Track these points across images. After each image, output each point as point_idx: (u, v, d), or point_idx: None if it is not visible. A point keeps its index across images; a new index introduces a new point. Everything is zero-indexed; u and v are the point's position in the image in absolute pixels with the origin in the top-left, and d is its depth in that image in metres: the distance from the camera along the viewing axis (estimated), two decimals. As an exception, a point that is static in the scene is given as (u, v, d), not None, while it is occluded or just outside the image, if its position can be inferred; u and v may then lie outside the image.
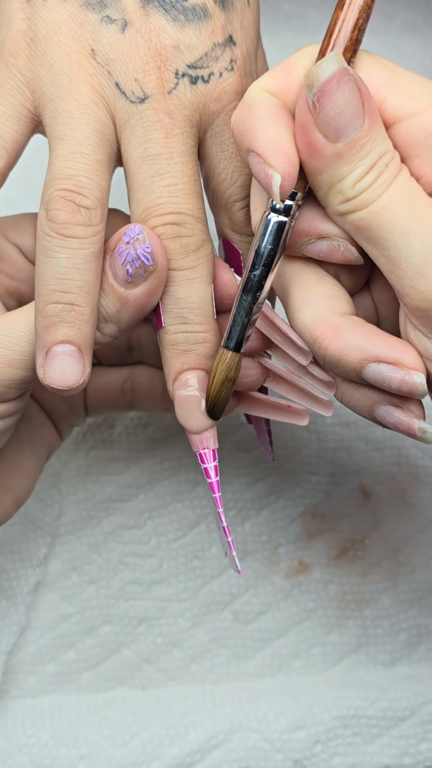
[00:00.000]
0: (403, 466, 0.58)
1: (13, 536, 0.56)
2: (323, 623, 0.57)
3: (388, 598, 0.57)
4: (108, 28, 0.40)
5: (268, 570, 0.57)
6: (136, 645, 0.56)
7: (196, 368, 0.41)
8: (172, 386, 0.41)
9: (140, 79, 0.40)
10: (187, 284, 0.40)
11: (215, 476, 0.42)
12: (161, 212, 0.40)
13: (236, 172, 0.42)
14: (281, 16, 0.69)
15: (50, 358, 0.39)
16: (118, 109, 0.40)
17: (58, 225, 0.39)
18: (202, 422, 0.41)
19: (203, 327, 0.41)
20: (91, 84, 0.40)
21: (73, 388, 0.40)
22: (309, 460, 0.58)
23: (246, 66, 0.41)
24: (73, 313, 0.39)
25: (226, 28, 0.41)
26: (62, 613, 0.56)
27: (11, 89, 0.41)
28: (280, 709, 0.55)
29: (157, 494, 0.57)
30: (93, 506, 0.57)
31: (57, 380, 0.39)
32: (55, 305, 0.39)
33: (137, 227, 0.39)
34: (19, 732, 0.54)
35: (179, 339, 0.41)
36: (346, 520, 0.57)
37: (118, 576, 0.56)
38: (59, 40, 0.40)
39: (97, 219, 0.39)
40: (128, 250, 0.39)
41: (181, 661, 0.56)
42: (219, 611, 0.57)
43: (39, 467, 0.48)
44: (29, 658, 0.56)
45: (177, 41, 0.40)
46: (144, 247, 0.39)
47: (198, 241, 0.40)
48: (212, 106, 0.41)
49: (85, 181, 0.39)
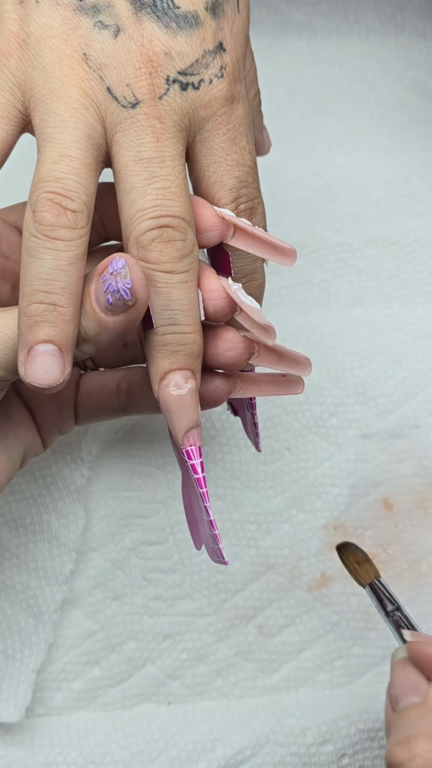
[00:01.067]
0: (424, 477, 0.58)
1: (37, 553, 0.56)
2: (347, 636, 0.57)
3: (410, 609, 0.57)
4: (101, 34, 0.41)
5: (290, 583, 0.57)
6: (161, 661, 0.56)
7: (184, 368, 0.42)
8: (158, 385, 0.42)
9: (132, 85, 0.40)
10: (180, 287, 0.41)
11: (201, 472, 0.42)
12: (156, 214, 0.40)
13: (225, 176, 0.42)
14: (291, 25, 0.69)
15: (32, 356, 0.40)
16: (109, 113, 0.41)
17: (44, 227, 0.39)
18: (194, 420, 0.42)
19: (192, 328, 0.41)
20: (82, 88, 0.40)
21: (53, 386, 0.40)
22: (330, 473, 0.58)
23: (235, 72, 0.42)
24: (55, 314, 0.39)
25: (217, 36, 0.42)
26: (87, 630, 0.56)
27: (2, 89, 0.41)
28: (306, 723, 0.55)
29: (179, 509, 0.57)
30: (115, 522, 0.57)
31: (38, 378, 0.40)
32: (38, 305, 0.39)
33: (120, 261, 0.40)
34: (46, 750, 0.54)
35: (169, 340, 0.41)
36: (367, 532, 0.57)
37: (141, 592, 0.57)
38: (51, 43, 0.41)
39: (82, 222, 0.40)
40: (110, 281, 0.40)
41: (206, 676, 0.56)
42: (243, 625, 0.57)
43: (11, 469, 0.48)
44: (55, 676, 0.56)
45: (168, 48, 0.41)
46: (125, 282, 0.39)
47: (190, 245, 0.41)
48: (202, 112, 0.41)
49: (73, 184, 0.40)
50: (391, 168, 0.66)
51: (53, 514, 0.56)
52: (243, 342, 0.43)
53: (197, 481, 0.43)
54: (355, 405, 0.59)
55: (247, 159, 0.43)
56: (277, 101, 0.68)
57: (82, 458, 0.57)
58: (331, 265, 0.62)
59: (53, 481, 0.57)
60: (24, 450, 0.48)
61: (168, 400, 0.42)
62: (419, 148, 0.68)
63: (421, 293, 0.61)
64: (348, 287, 0.61)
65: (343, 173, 0.66)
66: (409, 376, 0.59)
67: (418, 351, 0.59)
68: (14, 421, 0.48)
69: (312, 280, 0.61)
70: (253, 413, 0.49)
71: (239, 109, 0.42)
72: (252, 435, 0.51)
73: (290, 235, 0.62)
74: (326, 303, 0.61)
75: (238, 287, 0.43)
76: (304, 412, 0.58)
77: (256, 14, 0.68)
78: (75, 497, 0.57)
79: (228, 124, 0.42)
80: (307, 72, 0.69)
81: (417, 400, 0.59)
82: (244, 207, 0.43)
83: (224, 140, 0.42)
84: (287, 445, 0.58)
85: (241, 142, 0.42)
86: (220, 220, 0.42)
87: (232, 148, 0.42)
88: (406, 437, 0.58)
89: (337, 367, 0.59)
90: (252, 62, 0.46)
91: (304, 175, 0.66)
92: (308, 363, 0.44)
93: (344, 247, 0.62)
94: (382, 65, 0.70)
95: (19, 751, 0.54)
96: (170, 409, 0.42)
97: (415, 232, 0.62)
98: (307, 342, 0.59)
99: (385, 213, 0.63)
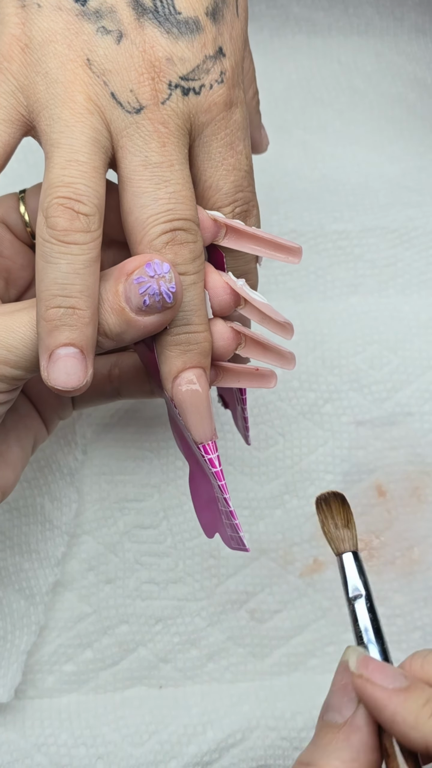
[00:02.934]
0: (418, 465, 0.58)
1: (30, 536, 0.56)
2: (338, 621, 0.57)
3: (402, 596, 0.57)
4: (104, 39, 0.41)
5: (283, 569, 0.57)
6: (153, 644, 0.56)
7: (197, 366, 0.42)
8: (171, 384, 0.42)
9: (135, 90, 0.41)
10: (192, 288, 0.41)
11: (219, 465, 0.43)
12: (170, 218, 0.41)
13: (222, 180, 0.43)
14: (291, 19, 0.70)
15: (54, 360, 0.40)
16: (114, 119, 0.41)
17: (58, 232, 0.40)
18: (208, 414, 0.43)
19: (202, 327, 0.42)
20: (87, 93, 0.41)
21: (77, 388, 0.41)
22: (323, 459, 0.58)
23: (234, 77, 0.43)
24: (74, 317, 0.40)
25: (217, 41, 0.42)
26: (79, 613, 0.56)
27: (5, 93, 0.41)
28: (297, 707, 0.55)
29: (172, 494, 0.57)
30: (109, 506, 0.57)
31: (61, 382, 0.40)
32: (57, 309, 0.40)
33: (165, 266, 0.40)
34: (37, 731, 0.54)
35: (182, 340, 0.42)
36: (360, 519, 0.57)
37: (134, 575, 0.57)
38: (54, 48, 0.41)
39: (95, 225, 0.40)
40: (151, 283, 0.40)
41: (198, 660, 0.56)
42: (235, 610, 0.57)
43: (24, 458, 0.49)
44: (47, 658, 0.56)
45: (170, 53, 0.41)
46: (170, 286, 0.40)
47: (200, 246, 0.42)
48: (202, 117, 0.42)
49: (83, 188, 0.40)
50: (390, 161, 0.67)
51: (47, 496, 0.56)
52: (230, 332, 0.43)
53: (215, 474, 0.43)
54: (350, 392, 0.59)
55: (244, 163, 0.43)
56: (276, 94, 0.68)
57: (76, 442, 0.57)
58: (328, 253, 0.62)
59: (47, 464, 0.57)
60: (34, 438, 0.49)
61: (183, 398, 0.42)
62: (417, 141, 0.68)
63: (417, 282, 0.61)
64: (345, 275, 0.61)
65: (342, 166, 0.66)
66: (404, 364, 0.59)
67: (414, 339, 0.60)
68: (21, 413, 0.49)
69: (309, 267, 0.62)
70: (243, 408, 0.50)
71: (237, 113, 0.43)
72: (242, 428, 0.52)
73: (288, 222, 0.62)
74: (322, 290, 0.61)
75: (243, 282, 0.43)
76: (299, 398, 0.59)
77: (256, 7, 0.69)
78: (68, 480, 0.57)
79: (226, 129, 0.43)
80: (306, 66, 0.70)
81: (411, 388, 0.59)
82: (240, 210, 0.44)
83: (222, 145, 0.43)
84: (281, 431, 0.58)
85: (239, 146, 0.43)
86: (212, 222, 0.43)
87: (229, 152, 0.43)
88: (400, 425, 0.58)
89: (332, 354, 0.59)
90: (250, 63, 0.47)
91: (302, 168, 0.66)
92: (292, 357, 0.45)
93: (342, 234, 0.62)
94: (380, 60, 0.70)
95: (11, 732, 0.54)
96: (185, 407, 0.42)
97: (413, 221, 0.63)
98: (302, 329, 0.59)
99: (384, 203, 0.64)
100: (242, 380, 0.45)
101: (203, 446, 0.43)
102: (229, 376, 0.45)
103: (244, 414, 0.50)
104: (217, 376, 0.45)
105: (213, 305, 0.43)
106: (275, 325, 0.44)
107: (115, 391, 0.50)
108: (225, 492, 0.43)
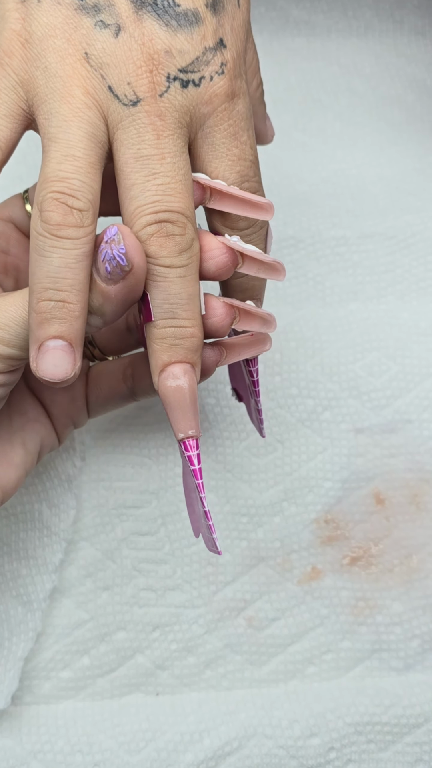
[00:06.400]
0: (417, 472, 0.58)
1: (28, 542, 0.56)
2: (336, 629, 0.57)
3: (400, 604, 0.57)
4: (102, 33, 0.41)
5: (281, 576, 0.57)
6: (150, 651, 0.56)
7: (183, 361, 0.42)
8: (158, 378, 0.43)
9: (133, 83, 0.41)
10: (179, 281, 0.42)
11: (198, 464, 0.43)
12: (155, 210, 0.41)
13: (227, 170, 0.43)
14: (290, 22, 0.69)
15: (43, 352, 0.41)
16: (110, 112, 0.41)
17: (51, 226, 0.40)
18: (191, 411, 0.43)
19: (191, 322, 0.42)
20: (85, 87, 0.41)
21: (64, 380, 0.41)
22: (322, 466, 0.58)
23: (235, 68, 0.43)
24: (64, 310, 0.40)
25: (217, 32, 0.42)
26: (77, 620, 0.56)
27: (6, 88, 0.42)
28: (294, 716, 0.55)
29: (170, 500, 0.57)
30: (107, 512, 0.57)
31: (49, 373, 0.41)
32: (47, 302, 0.40)
33: (113, 228, 0.41)
34: (33, 738, 0.54)
35: (168, 333, 0.42)
36: (359, 527, 0.57)
37: (132, 582, 0.57)
38: (54, 43, 0.41)
39: (88, 220, 0.40)
40: (106, 249, 0.41)
41: (195, 668, 0.56)
42: (233, 618, 0.57)
43: (29, 462, 0.49)
44: (44, 665, 0.56)
45: (169, 46, 0.41)
46: (119, 248, 0.40)
47: (189, 239, 0.42)
48: (203, 109, 0.42)
49: (78, 183, 0.40)
50: (389, 164, 0.66)
51: (45, 503, 0.56)
52: (225, 308, 0.44)
53: (194, 472, 0.43)
54: (349, 399, 0.59)
55: (248, 153, 0.43)
56: (275, 97, 0.68)
57: (75, 448, 0.57)
58: (327, 259, 0.62)
59: (45, 470, 0.57)
60: (40, 444, 0.49)
61: (166, 393, 0.43)
62: (416, 144, 0.68)
63: (416, 288, 0.61)
64: (343, 281, 0.61)
65: (341, 169, 0.66)
66: (403, 371, 0.59)
67: (413, 346, 0.59)
68: (29, 417, 0.49)
69: (307, 274, 0.61)
70: (257, 400, 0.50)
71: (240, 104, 0.43)
72: (256, 421, 0.52)
73: (286, 228, 0.62)
74: (321, 297, 0.61)
75: (237, 238, 0.44)
76: (298, 405, 0.58)
77: (256, 10, 0.69)
78: (66, 486, 0.57)
79: (229, 120, 0.43)
80: (306, 68, 0.69)
81: (411, 395, 0.59)
82: None
83: (225, 135, 0.43)
84: (280, 438, 0.58)
85: (242, 137, 0.43)
86: (197, 184, 0.43)
87: (233, 143, 0.43)
88: (399, 432, 0.58)
89: (331, 361, 0.59)
90: (254, 54, 0.47)
91: (301, 170, 0.66)
92: (273, 319, 0.46)
93: (340, 241, 0.62)
94: (380, 62, 0.70)
95: (7, 739, 0.54)
96: (168, 401, 0.43)
97: (411, 227, 0.62)
98: (301, 336, 0.59)
99: (382, 208, 0.63)
100: (243, 351, 0.46)
101: (183, 442, 0.43)
102: (231, 352, 0.46)
103: (257, 406, 0.51)
104: (221, 355, 0.45)
105: (210, 268, 0.43)
106: (270, 270, 0.45)
107: (130, 392, 0.51)
108: (201, 491, 0.44)
